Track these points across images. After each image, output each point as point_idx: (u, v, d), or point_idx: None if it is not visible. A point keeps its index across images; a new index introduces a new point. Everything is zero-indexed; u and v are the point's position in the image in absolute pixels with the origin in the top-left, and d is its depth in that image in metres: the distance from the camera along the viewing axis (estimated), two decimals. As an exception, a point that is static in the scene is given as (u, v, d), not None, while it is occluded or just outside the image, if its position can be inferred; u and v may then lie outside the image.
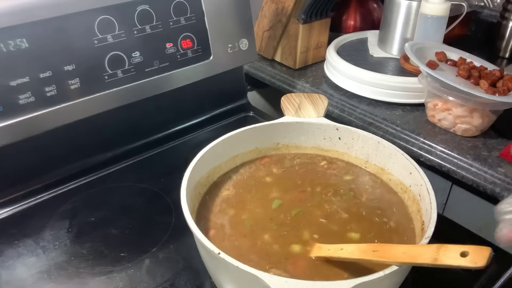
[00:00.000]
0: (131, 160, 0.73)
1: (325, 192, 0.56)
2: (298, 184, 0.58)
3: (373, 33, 1.07)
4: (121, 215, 0.61)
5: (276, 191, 0.56)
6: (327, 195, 0.55)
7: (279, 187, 0.57)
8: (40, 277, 0.52)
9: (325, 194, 0.56)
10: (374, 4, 1.17)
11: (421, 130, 0.78)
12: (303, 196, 0.56)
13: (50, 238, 0.58)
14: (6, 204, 0.63)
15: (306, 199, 0.55)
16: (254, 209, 0.53)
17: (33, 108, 0.60)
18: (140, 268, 0.53)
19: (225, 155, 0.59)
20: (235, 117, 0.86)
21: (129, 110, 0.70)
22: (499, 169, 0.69)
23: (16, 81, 0.58)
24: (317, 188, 0.57)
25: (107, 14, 0.63)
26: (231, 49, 0.78)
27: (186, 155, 0.54)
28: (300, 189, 0.57)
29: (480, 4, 1.19)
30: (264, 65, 1.04)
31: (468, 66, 0.77)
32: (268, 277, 0.38)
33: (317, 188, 0.57)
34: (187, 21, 0.72)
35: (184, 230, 0.45)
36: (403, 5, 0.94)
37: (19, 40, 0.57)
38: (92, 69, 0.64)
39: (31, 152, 0.64)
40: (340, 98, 0.89)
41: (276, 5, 0.97)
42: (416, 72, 0.86)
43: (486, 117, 0.74)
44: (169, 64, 0.71)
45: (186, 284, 0.51)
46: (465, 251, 0.34)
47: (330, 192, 0.56)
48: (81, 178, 0.68)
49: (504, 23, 1.05)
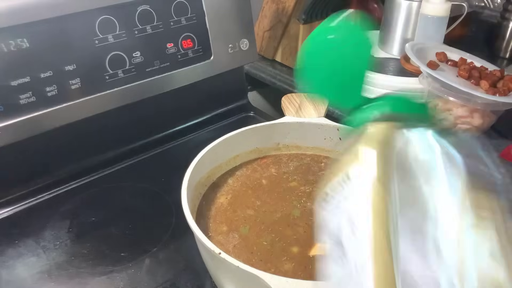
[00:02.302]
0: (131, 160, 0.73)
1: (326, 192, 0.56)
2: (298, 184, 0.58)
3: (373, 33, 1.07)
4: (121, 215, 0.61)
5: (276, 191, 0.56)
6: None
7: (279, 187, 0.57)
8: (40, 277, 0.52)
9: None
10: (374, 4, 1.17)
11: (422, 131, 0.78)
12: (304, 196, 0.56)
13: (50, 238, 0.58)
14: (6, 204, 0.63)
15: (306, 199, 0.55)
16: (255, 209, 0.53)
17: (33, 108, 0.60)
18: (140, 268, 0.53)
19: (226, 155, 0.59)
20: (235, 117, 0.86)
21: (130, 110, 0.70)
22: (499, 170, 0.68)
23: (17, 81, 0.58)
24: (317, 188, 0.57)
25: (108, 14, 0.63)
26: (231, 49, 0.78)
27: (187, 155, 0.54)
28: (300, 189, 0.57)
29: (481, 4, 1.19)
30: (264, 65, 1.04)
31: (469, 67, 0.77)
32: (269, 277, 0.38)
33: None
34: (187, 21, 0.72)
35: (185, 230, 0.45)
36: (403, 6, 0.94)
37: (20, 40, 0.57)
38: (93, 69, 0.64)
39: (31, 152, 0.64)
40: (340, 98, 0.89)
41: (276, 5, 0.97)
42: (416, 73, 0.86)
43: (487, 118, 0.74)
44: (169, 64, 0.71)
45: (186, 284, 0.51)
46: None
47: (330, 192, 0.56)
48: (81, 178, 0.68)
49: (504, 24, 1.05)
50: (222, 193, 0.56)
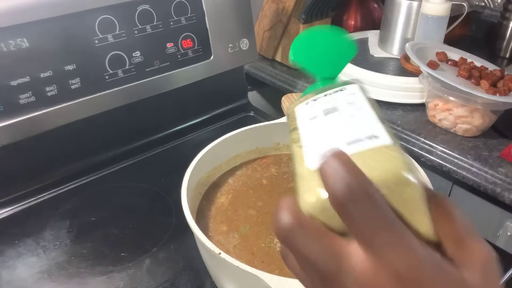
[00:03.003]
0: (131, 160, 0.73)
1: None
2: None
3: (373, 33, 1.07)
4: (121, 215, 0.61)
5: (277, 191, 0.56)
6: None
7: (279, 187, 0.57)
8: (40, 277, 0.52)
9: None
10: (374, 4, 1.17)
11: (422, 130, 0.78)
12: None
13: (50, 238, 0.58)
14: (6, 204, 0.63)
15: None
16: (256, 209, 0.53)
17: (33, 108, 0.60)
18: (140, 268, 0.53)
19: (226, 155, 0.59)
20: (235, 117, 0.85)
21: (130, 110, 0.70)
22: (499, 169, 0.68)
23: (17, 80, 0.58)
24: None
25: (108, 14, 0.63)
26: (231, 49, 0.78)
27: (187, 155, 0.54)
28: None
29: (481, 4, 1.19)
30: (264, 65, 1.04)
31: (469, 66, 0.77)
32: (269, 277, 0.37)
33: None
34: (187, 21, 0.72)
35: (185, 230, 0.45)
36: (403, 5, 0.94)
37: (20, 40, 0.57)
38: (92, 69, 0.64)
39: (31, 152, 0.64)
40: (340, 98, 0.89)
41: (276, 5, 0.97)
42: (416, 72, 0.86)
43: (487, 117, 0.74)
44: (169, 64, 0.71)
45: (186, 284, 0.51)
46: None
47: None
48: (81, 178, 0.68)
49: (504, 23, 1.05)
50: (222, 193, 0.56)
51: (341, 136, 0.28)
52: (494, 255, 0.23)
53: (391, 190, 0.25)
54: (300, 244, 0.24)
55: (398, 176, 0.25)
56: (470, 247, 0.23)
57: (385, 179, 0.25)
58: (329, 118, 0.31)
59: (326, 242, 0.24)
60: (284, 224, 0.24)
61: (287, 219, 0.24)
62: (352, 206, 0.22)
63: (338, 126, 0.30)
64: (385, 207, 0.23)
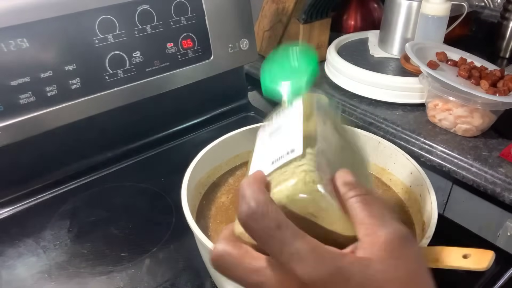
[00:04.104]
0: (131, 160, 0.73)
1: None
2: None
3: (373, 33, 1.07)
4: (121, 215, 0.61)
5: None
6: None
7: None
8: (40, 277, 0.52)
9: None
10: (374, 4, 1.17)
11: (422, 130, 0.78)
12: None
13: (50, 238, 0.58)
14: (6, 204, 0.63)
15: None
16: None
17: (33, 108, 0.60)
18: (140, 268, 0.53)
19: (226, 155, 0.59)
20: (235, 117, 0.86)
21: (130, 110, 0.70)
22: (499, 169, 0.68)
23: (17, 80, 0.58)
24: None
25: (108, 14, 0.63)
26: (231, 49, 0.78)
27: (187, 155, 0.54)
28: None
29: (481, 4, 1.19)
30: (264, 65, 1.04)
31: (469, 66, 0.77)
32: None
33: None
34: (187, 21, 0.72)
35: (185, 230, 0.45)
36: (403, 5, 0.94)
37: (20, 40, 0.57)
38: (92, 69, 0.64)
39: (31, 152, 0.64)
40: (340, 98, 0.89)
41: (276, 5, 0.97)
42: (416, 72, 0.86)
43: (487, 117, 0.74)
44: (169, 64, 0.71)
45: (186, 284, 0.51)
46: (467, 254, 0.34)
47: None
48: (81, 178, 0.69)
49: (504, 23, 1.05)
50: (223, 192, 0.56)
51: (269, 155, 0.31)
52: (399, 234, 0.27)
53: (294, 201, 0.27)
54: (229, 270, 0.28)
55: (297, 189, 0.27)
56: (374, 232, 0.27)
57: (287, 195, 0.28)
58: (271, 138, 0.33)
59: (246, 262, 0.27)
60: (216, 252, 0.28)
61: (220, 247, 0.28)
62: (253, 225, 0.26)
63: (272, 146, 0.32)
64: (283, 222, 0.26)
